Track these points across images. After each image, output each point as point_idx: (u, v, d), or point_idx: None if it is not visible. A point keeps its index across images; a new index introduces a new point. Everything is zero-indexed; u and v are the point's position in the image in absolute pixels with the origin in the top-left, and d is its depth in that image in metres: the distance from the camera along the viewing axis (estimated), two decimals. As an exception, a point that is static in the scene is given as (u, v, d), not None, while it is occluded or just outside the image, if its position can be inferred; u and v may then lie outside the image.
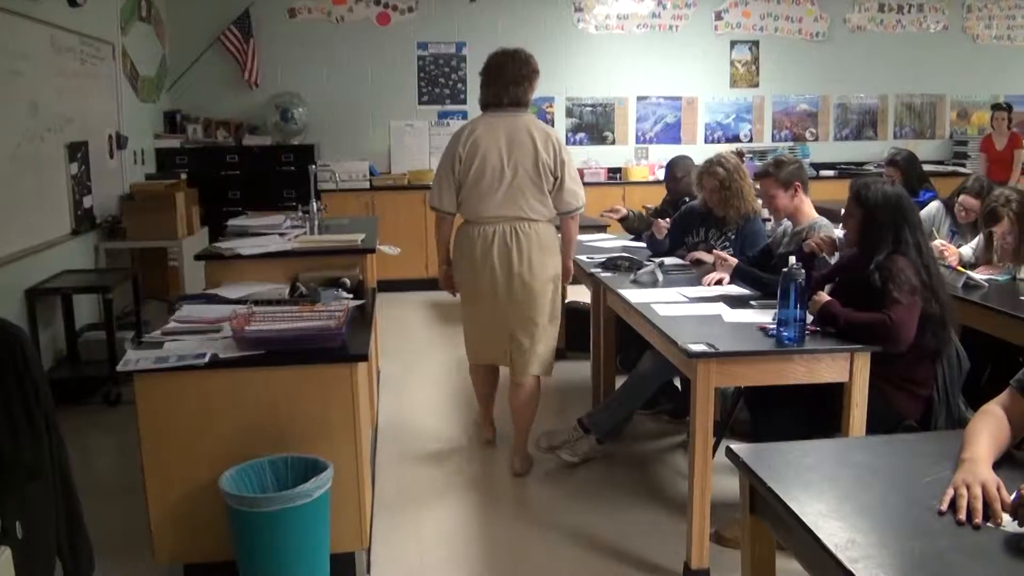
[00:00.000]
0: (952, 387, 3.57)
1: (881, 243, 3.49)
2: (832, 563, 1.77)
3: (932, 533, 1.87)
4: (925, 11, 10.78)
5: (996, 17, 11.02)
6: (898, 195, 3.57)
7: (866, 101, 10.78)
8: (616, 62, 10.05)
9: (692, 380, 3.30)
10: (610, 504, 4.20)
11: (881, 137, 10.83)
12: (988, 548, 1.82)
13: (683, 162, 6.17)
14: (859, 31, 10.62)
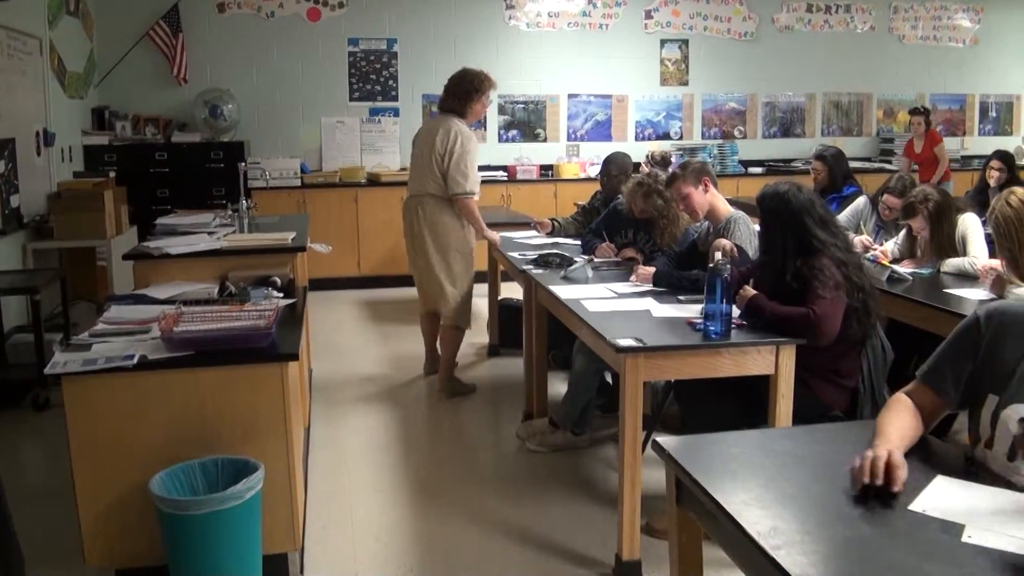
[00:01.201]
0: (877, 378, 3.66)
1: (789, 247, 3.58)
2: (755, 550, 1.81)
3: (853, 519, 1.92)
4: (852, 12, 10.99)
5: (922, 18, 11.28)
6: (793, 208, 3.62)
7: (794, 99, 10.96)
8: (547, 60, 10.09)
9: (621, 374, 3.34)
10: (543, 498, 4.24)
11: (808, 135, 11.01)
12: (908, 532, 1.87)
13: (619, 160, 6.21)
14: (787, 31, 10.79)
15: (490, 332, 6.77)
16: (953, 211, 4.98)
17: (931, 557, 1.77)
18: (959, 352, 2.32)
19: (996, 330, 2.24)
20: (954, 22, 11.42)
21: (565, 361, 5.13)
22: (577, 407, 4.68)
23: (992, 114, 11.74)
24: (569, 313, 3.96)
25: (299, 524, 3.47)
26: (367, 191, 9.20)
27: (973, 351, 2.28)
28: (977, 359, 2.27)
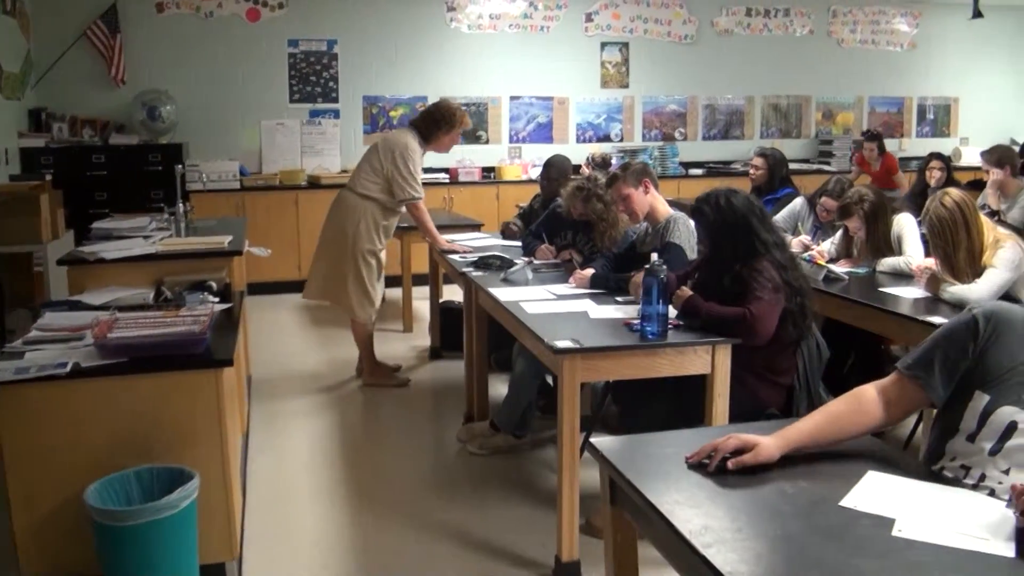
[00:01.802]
0: (812, 376, 3.72)
1: (735, 251, 3.64)
2: (687, 549, 1.82)
3: (785, 516, 1.95)
4: (791, 16, 11.14)
5: (860, 22, 11.46)
6: (735, 212, 3.67)
7: (733, 102, 11.07)
8: (489, 62, 10.08)
9: (558, 376, 3.35)
10: (484, 501, 4.24)
11: (748, 137, 11.13)
12: (839, 528, 1.89)
13: (559, 162, 6.25)
14: (727, 34, 10.90)
15: (431, 335, 6.76)
16: (888, 211, 5.07)
17: (862, 552, 1.80)
18: (953, 350, 2.28)
19: (994, 330, 2.23)
20: (892, 26, 11.63)
21: (506, 363, 5.13)
22: (518, 409, 4.68)
23: (930, 116, 11.97)
24: (508, 315, 3.97)
25: (236, 533, 3.43)
26: (307, 194, 9.12)
27: (969, 350, 2.25)
28: (971, 358, 2.24)
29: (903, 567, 1.74)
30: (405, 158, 5.68)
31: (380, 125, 9.75)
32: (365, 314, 5.84)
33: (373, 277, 5.85)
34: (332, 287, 5.86)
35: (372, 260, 5.81)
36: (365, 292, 5.81)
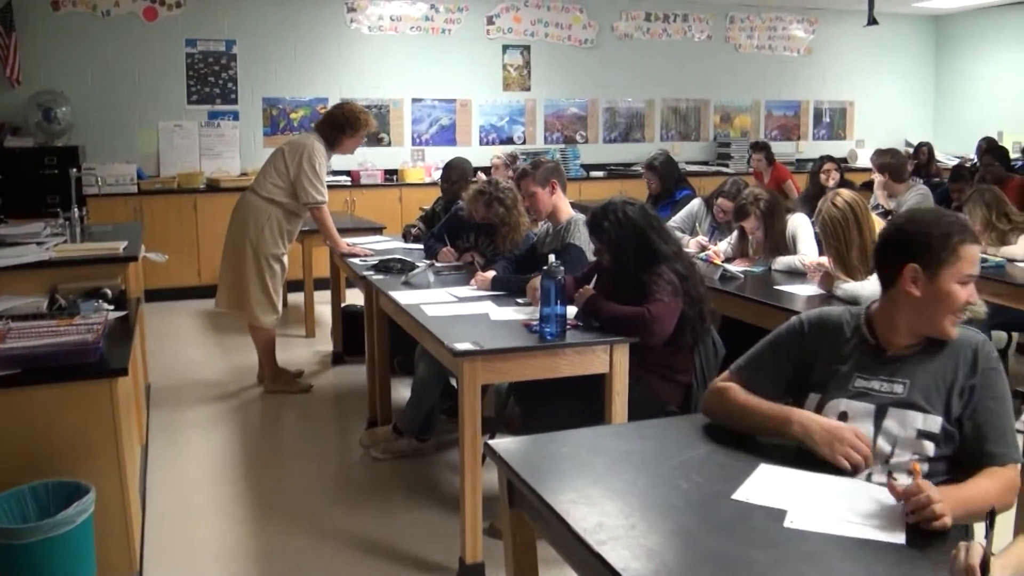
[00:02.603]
0: (709, 373, 3.79)
1: (636, 261, 3.69)
2: (581, 547, 1.84)
3: (679, 511, 1.99)
4: (690, 21, 11.33)
5: (757, 28, 11.72)
6: (634, 224, 3.72)
7: (633, 105, 11.22)
8: (390, 63, 10.04)
9: (459, 378, 3.36)
10: (388, 506, 4.22)
11: (648, 139, 11.30)
12: (732, 521, 1.94)
13: (459, 165, 6.26)
14: (626, 39, 11.04)
15: (334, 340, 6.70)
16: (783, 211, 5.20)
17: (754, 544, 1.84)
18: (780, 354, 2.46)
19: (817, 335, 2.39)
20: (789, 32, 11.92)
21: (409, 367, 5.12)
22: (421, 413, 4.68)
23: (826, 119, 12.30)
24: (409, 318, 3.96)
25: (136, 547, 3.37)
26: (206, 197, 8.94)
27: (796, 354, 2.42)
28: (799, 361, 2.40)
29: (795, 557, 1.79)
30: (311, 161, 5.62)
31: (280, 127, 9.63)
32: (268, 320, 5.77)
33: (277, 282, 5.79)
34: (236, 293, 5.77)
35: (276, 265, 5.74)
36: (268, 297, 5.74)
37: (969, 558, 1.61)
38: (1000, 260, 5.46)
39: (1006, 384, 2.19)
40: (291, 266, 6.22)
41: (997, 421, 2.13)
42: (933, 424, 2.17)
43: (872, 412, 2.24)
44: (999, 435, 2.11)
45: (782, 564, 1.77)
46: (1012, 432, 2.13)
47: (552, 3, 10.61)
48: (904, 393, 2.22)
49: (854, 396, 2.28)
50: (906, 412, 2.20)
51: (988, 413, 2.14)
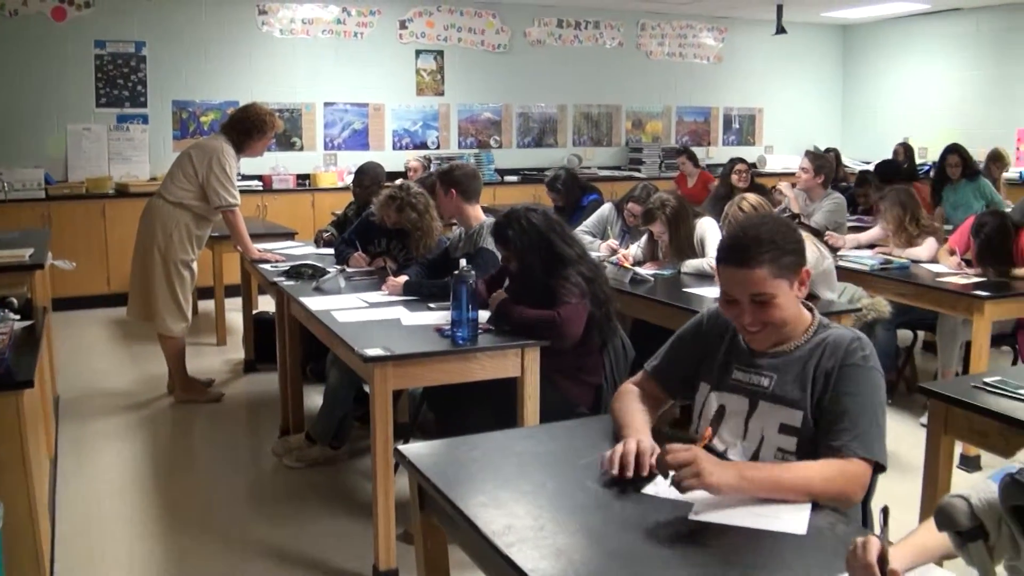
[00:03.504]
0: (619, 374, 3.84)
1: (542, 267, 3.72)
2: (490, 549, 1.85)
3: (587, 510, 2.01)
4: (601, 28, 11.44)
5: (668, 36, 11.89)
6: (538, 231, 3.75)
7: (546, 110, 11.29)
8: (302, 67, 9.93)
9: (370, 384, 3.35)
10: (302, 515, 4.17)
11: (561, 144, 11.39)
12: (639, 516, 1.97)
13: (371, 169, 6.23)
14: (539, 44, 11.10)
15: (245, 347, 6.60)
16: (690, 216, 5.28)
17: (660, 539, 1.88)
18: (684, 349, 2.53)
19: (713, 329, 2.47)
20: (699, 40, 12.12)
21: (322, 374, 5.07)
22: (333, 420, 4.63)
23: (735, 126, 12.53)
24: (320, 325, 3.93)
25: (46, 563, 3.28)
26: (115, 203, 8.71)
27: (697, 349, 2.49)
28: (699, 355, 2.47)
29: (699, 551, 1.83)
30: (222, 164, 5.52)
31: (191, 131, 9.46)
32: (177, 328, 5.65)
33: (186, 289, 5.67)
34: (145, 302, 5.64)
35: (185, 272, 5.63)
36: (177, 305, 5.62)
37: (867, 555, 1.63)
38: (904, 261, 5.61)
39: (872, 383, 2.20)
40: (201, 273, 6.10)
41: (847, 415, 2.15)
42: (795, 418, 2.22)
43: (746, 405, 2.30)
44: (844, 429, 2.14)
45: (686, 558, 1.80)
46: (867, 428, 2.14)
47: (465, 8, 10.62)
48: (770, 387, 2.27)
49: (730, 389, 2.35)
50: (771, 406, 2.26)
51: (839, 407, 2.17)
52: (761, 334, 2.26)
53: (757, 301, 2.21)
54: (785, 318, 2.25)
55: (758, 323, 2.23)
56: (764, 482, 2.04)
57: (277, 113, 8.23)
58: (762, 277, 2.18)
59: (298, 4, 9.86)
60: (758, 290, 2.19)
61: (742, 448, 2.29)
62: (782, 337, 2.30)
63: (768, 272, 2.19)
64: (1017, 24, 10.85)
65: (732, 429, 2.31)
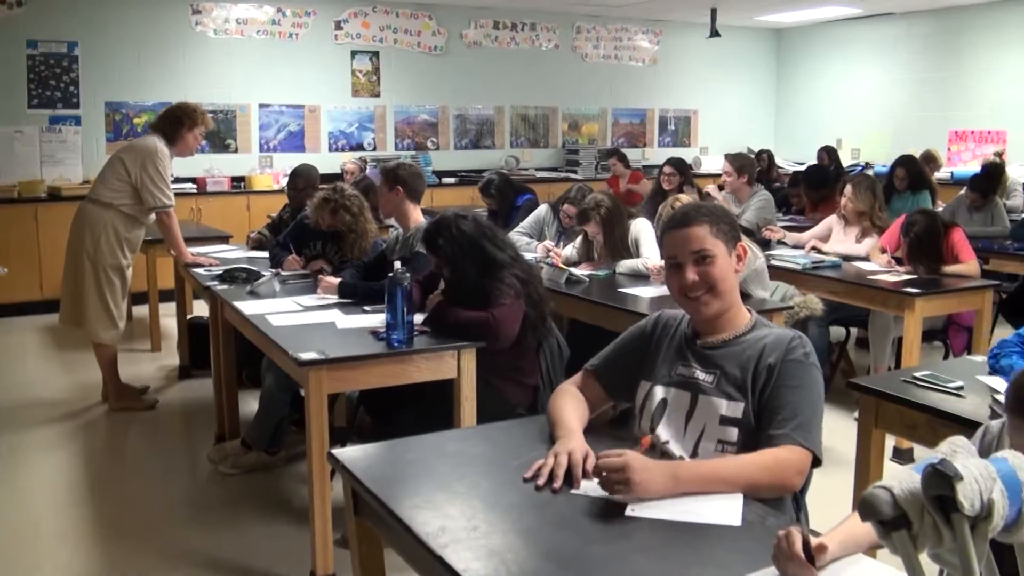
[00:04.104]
0: (555, 374, 3.86)
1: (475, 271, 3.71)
2: (424, 552, 1.84)
3: (521, 510, 2.01)
4: (537, 30, 11.48)
5: (603, 38, 11.96)
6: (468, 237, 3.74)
7: (483, 112, 11.30)
8: (237, 68, 9.82)
9: (305, 388, 3.32)
10: (238, 522, 4.12)
11: (499, 146, 11.41)
12: (573, 515, 1.98)
13: (305, 172, 6.19)
14: (475, 46, 11.11)
15: (180, 353, 6.50)
16: (624, 216, 5.33)
17: (594, 537, 1.88)
18: (629, 351, 2.56)
19: (656, 329, 2.53)
20: (634, 43, 12.21)
21: (257, 379, 5.03)
22: (269, 425, 4.59)
23: (671, 127, 12.66)
24: (254, 329, 3.89)
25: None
26: (48, 207, 8.51)
27: (643, 349, 2.52)
28: (641, 357, 2.51)
29: (634, 548, 1.84)
30: (156, 164, 5.42)
31: (124, 133, 9.28)
32: (108, 335, 5.55)
33: (117, 295, 5.56)
34: (75, 308, 5.53)
35: (116, 277, 5.52)
36: (108, 311, 5.51)
37: (792, 547, 1.68)
38: (836, 259, 5.71)
39: (812, 377, 2.27)
40: (135, 277, 5.99)
41: (787, 406, 2.21)
42: (736, 410, 2.27)
43: (687, 399, 2.35)
44: (784, 419, 2.19)
45: (621, 556, 1.81)
46: (806, 419, 2.20)
47: (401, 9, 10.59)
48: (713, 381, 2.33)
49: (673, 384, 2.39)
50: (712, 399, 2.31)
51: (780, 399, 2.23)
52: (704, 298, 2.34)
53: (699, 260, 2.33)
54: (726, 281, 2.34)
55: (702, 284, 2.33)
56: (699, 479, 2.08)
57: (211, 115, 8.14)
58: (702, 234, 2.34)
59: (232, 4, 9.75)
60: (699, 246, 2.33)
61: (683, 441, 2.32)
62: (722, 321, 2.39)
63: (708, 231, 2.34)
64: (947, 28, 11.10)
65: (674, 422, 2.35)
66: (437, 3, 10.70)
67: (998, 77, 10.61)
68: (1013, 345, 3.15)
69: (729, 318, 2.39)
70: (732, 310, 2.40)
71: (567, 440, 2.25)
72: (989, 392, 2.95)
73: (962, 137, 11.05)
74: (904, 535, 1.31)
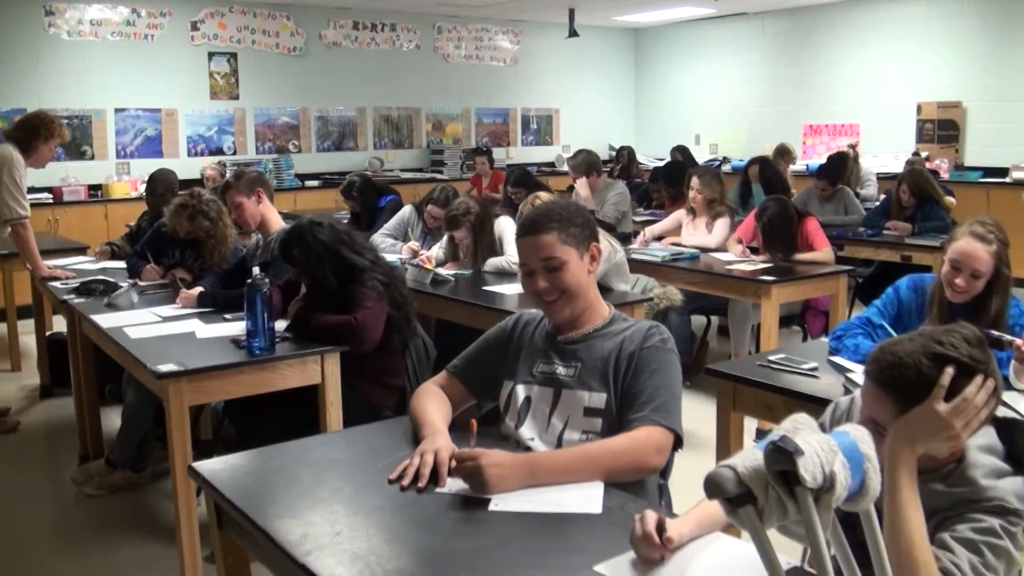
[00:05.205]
0: (422, 375, 3.87)
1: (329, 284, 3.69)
2: (288, 560, 1.84)
3: (384, 512, 2.03)
4: (398, 30, 11.45)
5: (464, 38, 12.01)
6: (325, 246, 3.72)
7: (345, 114, 11.22)
8: (92, 71, 9.49)
9: (165, 401, 3.26)
10: (106, 544, 4.01)
11: (362, 148, 11.34)
12: (437, 514, 2.01)
13: (164, 177, 6.06)
14: (335, 47, 11.02)
15: (40, 372, 6.26)
16: (492, 219, 5.38)
17: (457, 534, 1.92)
18: (489, 352, 2.60)
19: (521, 329, 2.57)
20: (495, 43, 12.31)
21: (121, 395, 4.89)
22: (133, 442, 4.47)
23: (533, 126, 12.80)
24: (112, 343, 3.79)
25: None
26: None
27: (503, 349, 2.56)
28: (503, 356, 2.55)
29: (496, 543, 1.88)
30: (11, 173, 5.22)
31: (-28, 141, 8.90)
32: None
33: None
34: None
35: None
36: None
37: (645, 526, 1.76)
38: (694, 251, 5.88)
39: (669, 362, 2.35)
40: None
41: (646, 391, 2.29)
42: (599, 401, 2.34)
43: (550, 395, 2.40)
44: (643, 403, 2.27)
45: (484, 550, 1.85)
46: (664, 400, 2.28)
47: (258, 10, 10.43)
48: (574, 375, 2.39)
49: (535, 381, 2.44)
50: (574, 392, 2.37)
51: (638, 385, 2.30)
52: (558, 303, 2.39)
53: (550, 267, 2.35)
54: (578, 285, 2.38)
55: (554, 290, 2.37)
56: (555, 470, 2.13)
57: (66, 121, 7.86)
58: (551, 242, 2.35)
59: (86, 5, 9.42)
60: (548, 254, 2.36)
61: (547, 436, 2.37)
62: (580, 319, 2.44)
63: (556, 238, 2.36)
64: (799, 27, 11.54)
65: (539, 419, 2.40)
66: (295, 3, 10.56)
67: (850, 73, 11.09)
68: (856, 327, 3.30)
69: (587, 315, 2.45)
70: (590, 308, 2.45)
71: (432, 439, 2.27)
72: (841, 371, 3.09)
73: (816, 131, 11.48)
74: (750, 510, 1.36)
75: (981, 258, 3.03)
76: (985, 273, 3.05)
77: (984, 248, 3.03)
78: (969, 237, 3.05)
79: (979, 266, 3.04)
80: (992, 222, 3.12)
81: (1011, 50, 9.61)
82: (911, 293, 3.32)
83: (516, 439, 2.41)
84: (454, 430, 2.38)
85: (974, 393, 1.72)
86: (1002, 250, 3.07)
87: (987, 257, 3.04)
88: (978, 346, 1.77)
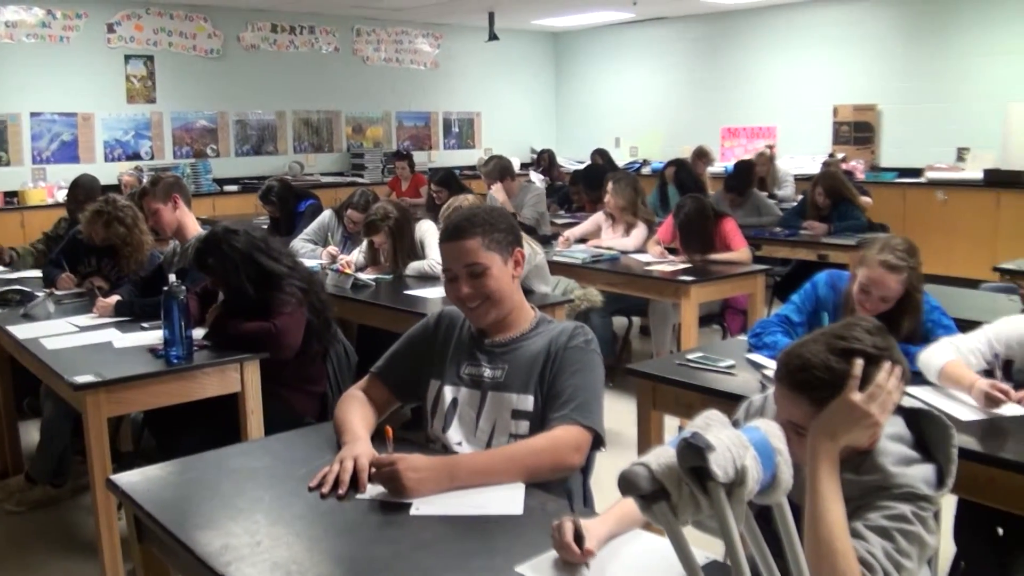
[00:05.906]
0: (343, 381, 3.87)
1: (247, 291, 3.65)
2: (209, 572, 1.83)
3: (305, 520, 2.03)
4: (316, 33, 11.37)
5: (384, 41, 11.98)
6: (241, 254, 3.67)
7: (264, 117, 11.11)
8: (7, 74, 9.26)
9: (83, 413, 3.21)
10: (26, 563, 3.90)
11: (282, 152, 11.25)
12: (358, 520, 2.02)
13: (86, 183, 5.97)
14: (253, 49, 10.91)
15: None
16: (411, 223, 5.38)
17: (378, 540, 1.93)
18: (413, 350, 2.59)
19: (442, 328, 2.56)
20: (415, 46, 12.32)
21: (39, 408, 4.79)
22: (52, 456, 4.37)
23: (455, 129, 12.82)
24: (28, 354, 3.72)
25: None
26: None
27: (424, 350, 2.56)
28: (426, 356, 2.55)
29: (416, 546, 1.90)
30: None
31: None
32: None
33: None
34: None
35: None
36: None
37: (563, 536, 1.79)
38: (614, 253, 5.94)
39: (591, 362, 2.38)
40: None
41: (567, 390, 2.32)
42: (525, 403, 2.36)
43: (477, 398, 2.42)
44: (564, 402, 2.30)
45: (404, 555, 1.86)
46: (585, 399, 2.31)
47: (175, 11, 10.28)
48: (501, 377, 2.40)
49: (462, 383, 2.45)
50: (502, 394, 2.39)
51: (560, 385, 2.33)
52: (481, 308, 2.39)
53: (473, 273, 2.35)
54: (502, 291, 2.39)
55: (477, 296, 2.37)
56: (474, 472, 2.16)
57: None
58: (474, 248, 2.34)
59: (1, 7, 9.19)
60: (471, 260, 2.35)
61: (475, 439, 2.38)
62: (506, 322, 2.45)
63: (479, 244, 2.35)
64: (716, 31, 11.73)
65: (466, 422, 2.41)
66: (212, 5, 10.43)
67: (768, 76, 11.30)
68: (774, 325, 3.38)
69: (513, 319, 2.46)
70: (515, 311, 2.46)
71: (352, 445, 2.27)
72: (757, 368, 3.16)
73: (735, 133, 11.67)
74: (664, 506, 1.39)
75: (891, 287, 3.10)
76: (894, 298, 3.13)
77: (895, 278, 3.08)
78: (879, 267, 3.09)
79: (888, 293, 3.11)
80: (904, 246, 3.14)
81: (924, 54, 9.87)
82: (828, 290, 3.41)
83: (444, 443, 2.42)
84: (374, 438, 2.38)
85: (885, 379, 1.80)
86: (913, 275, 3.12)
87: (897, 286, 3.10)
88: (879, 335, 1.85)
